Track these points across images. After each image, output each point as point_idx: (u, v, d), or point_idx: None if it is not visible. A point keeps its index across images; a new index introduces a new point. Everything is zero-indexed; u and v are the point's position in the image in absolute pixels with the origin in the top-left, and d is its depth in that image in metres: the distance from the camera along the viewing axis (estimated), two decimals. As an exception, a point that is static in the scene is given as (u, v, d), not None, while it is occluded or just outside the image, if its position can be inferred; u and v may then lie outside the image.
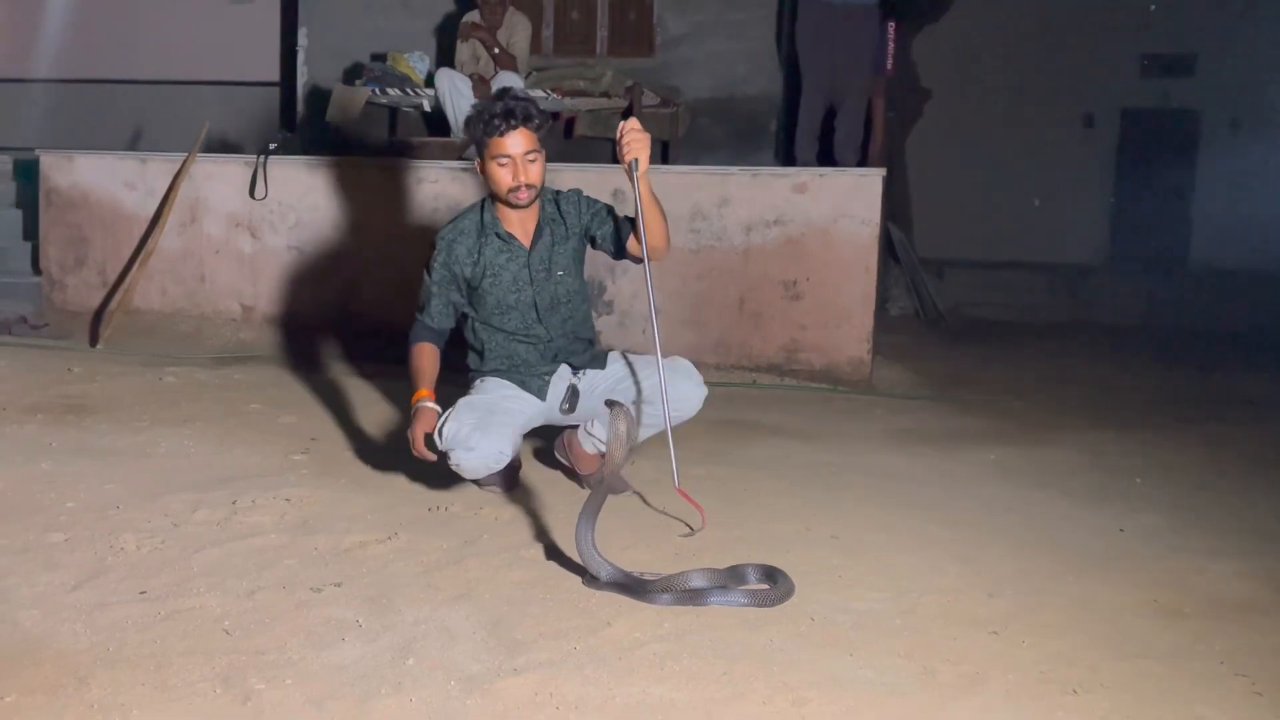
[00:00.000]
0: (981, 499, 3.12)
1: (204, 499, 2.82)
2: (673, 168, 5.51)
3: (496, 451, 2.69)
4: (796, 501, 3.02)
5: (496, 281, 2.89)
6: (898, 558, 2.57)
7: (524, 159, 2.76)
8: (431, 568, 2.41)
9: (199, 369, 4.61)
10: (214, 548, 2.48)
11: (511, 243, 2.89)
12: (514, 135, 2.75)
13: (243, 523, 2.67)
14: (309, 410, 3.92)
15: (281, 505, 2.81)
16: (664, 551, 2.55)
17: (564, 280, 2.93)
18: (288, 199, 5.40)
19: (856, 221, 4.82)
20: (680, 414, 2.86)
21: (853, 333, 4.85)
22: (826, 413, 4.34)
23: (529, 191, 2.80)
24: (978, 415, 4.37)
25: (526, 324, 2.92)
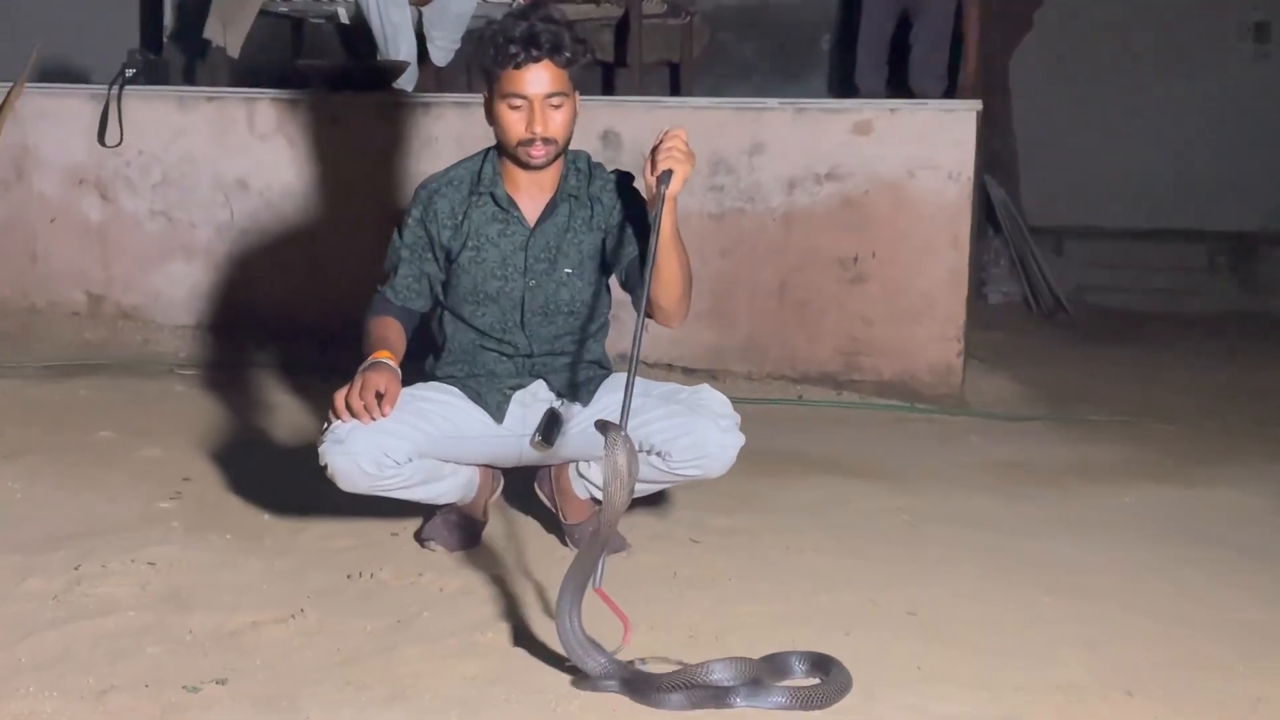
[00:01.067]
0: (1115, 559, 3.12)
1: (35, 564, 2.81)
2: (686, 100, 5.53)
3: (374, 451, 2.68)
4: (858, 564, 3.01)
5: (478, 259, 2.90)
6: (999, 641, 2.56)
7: (545, 103, 2.77)
8: (352, 658, 2.40)
9: (27, 383, 4.61)
10: (50, 630, 2.47)
11: (510, 212, 2.90)
12: (535, 70, 2.75)
13: (90, 596, 2.66)
14: (181, 439, 3.91)
15: (143, 571, 2.80)
16: (676, 632, 2.55)
17: (570, 282, 2.93)
18: (152, 146, 5.42)
19: (941, 174, 4.83)
20: (698, 472, 2.85)
21: (936, 329, 4.85)
22: (900, 440, 4.33)
23: (546, 148, 2.80)
24: (1110, 443, 4.36)
25: (503, 326, 2.93)
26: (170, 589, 2.72)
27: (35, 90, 5.52)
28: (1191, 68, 8.34)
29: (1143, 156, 8.37)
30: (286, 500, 3.22)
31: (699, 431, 2.79)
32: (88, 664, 2.34)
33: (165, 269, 5.42)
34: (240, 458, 3.73)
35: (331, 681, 2.30)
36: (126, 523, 3.14)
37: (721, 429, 2.81)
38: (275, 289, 5.30)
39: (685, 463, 2.82)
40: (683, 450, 2.79)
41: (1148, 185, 8.36)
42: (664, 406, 2.83)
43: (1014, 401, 4.99)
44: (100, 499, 3.32)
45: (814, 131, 4.95)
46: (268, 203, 5.33)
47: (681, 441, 2.78)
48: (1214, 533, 3.36)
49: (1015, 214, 7.61)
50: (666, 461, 2.82)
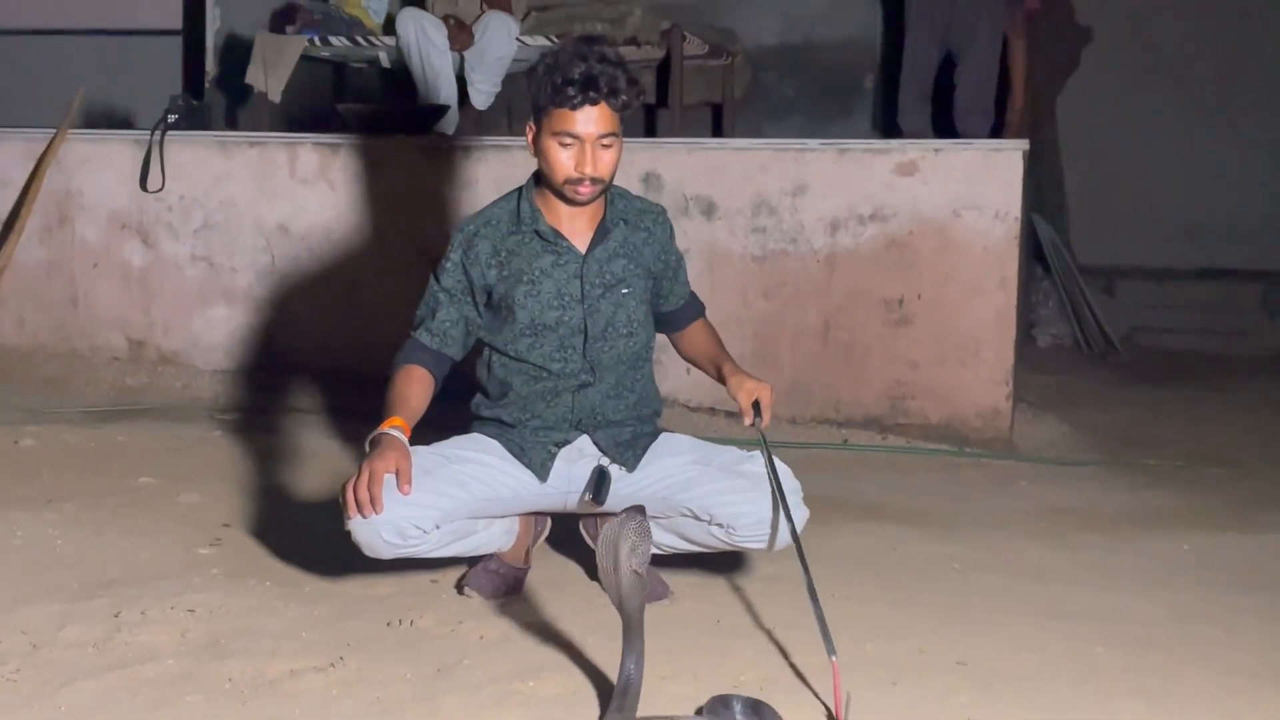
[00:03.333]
0: (1171, 608, 3.08)
1: (75, 610, 2.83)
2: (728, 142, 5.56)
3: (394, 524, 2.68)
4: (905, 613, 3.00)
5: (534, 293, 2.91)
6: (1052, 694, 2.54)
7: (597, 144, 2.80)
8: (391, 707, 2.41)
9: (68, 428, 4.66)
10: (89, 679, 2.49)
11: (559, 244, 2.92)
12: (589, 111, 2.77)
13: (129, 643, 2.68)
14: (220, 486, 3.94)
15: (182, 619, 2.82)
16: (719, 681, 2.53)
17: (626, 302, 2.96)
18: (193, 192, 5.50)
19: (988, 215, 4.83)
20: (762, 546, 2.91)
21: (985, 372, 4.84)
22: (949, 485, 4.31)
23: (593, 187, 2.84)
24: (1164, 489, 4.32)
25: (564, 355, 2.93)
26: (210, 636, 2.73)
27: (78, 136, 5.63)
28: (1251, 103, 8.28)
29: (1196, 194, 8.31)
30: (326, 547, 3.22)
31: (767, 508, 2.85)
32: (127, 713, 2.36)
33: (205, 314, 5.49)
34: (280, 504, 3.77)
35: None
36: (166, 569, 3.16)
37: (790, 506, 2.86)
38: (316, 333, 5.36)
39: (750, 537, 2.87)
40: (747, 526, 2.85)
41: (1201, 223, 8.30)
42: (727, 480, 2.87)
43: (1065, 446, 4.95)
44: (140, 545, 3.35)
45: (857, 172, 4.96)
46: (309, 247, 5.40)
47: (747, 518, 2.83)
48: (1274, 580, 3.32)
49: (1064, 253, 7.59)
50: (729, 534, 2.86)
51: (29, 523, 3.50)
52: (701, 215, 5.02)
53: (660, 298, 3.09)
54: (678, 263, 3.11)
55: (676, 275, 3.11)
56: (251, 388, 5.32)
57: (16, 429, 4.56)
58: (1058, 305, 7.52)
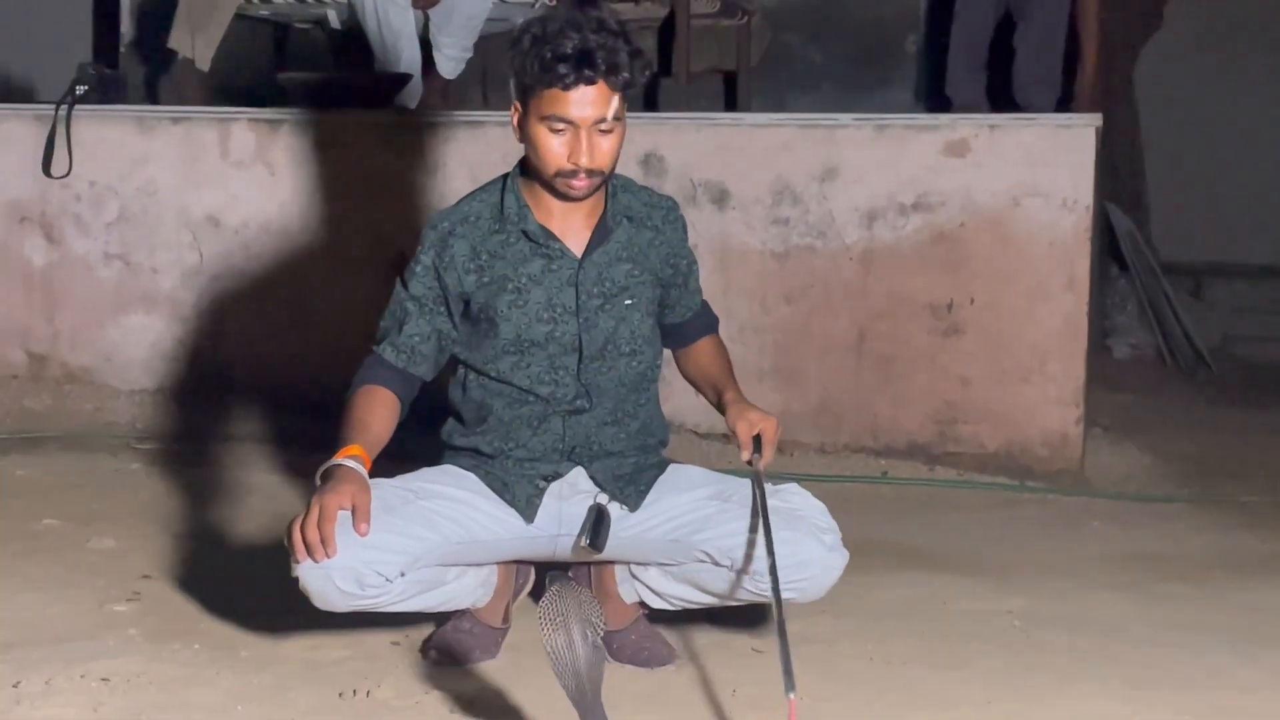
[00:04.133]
0: (1274, 671, 3.09)
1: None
2: (743, 117, 5.58)
3: (356, 568, 2.67)
4: (958, 678, 3.00)
5: (520, 303, 2.91)
6: (1133, 775, 2.55)
7: (594, 130, 2.79)
8: (345, 794, 2.42)
9: (-41, 460, 4.68)
10: (-16, 762, 2.50)
11: (550, 245, 2.93)
12: (585, 91, 2.76)
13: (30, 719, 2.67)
14: (140, 529, 3.95)
15: (94, 689, 2.81)
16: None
17: (630, 315, 2.97)
18: (106, 178, 5.51)
19: (1054, 204, 4.85)
20: (795, 595, 2.85)
21: (1051, 390, 4.86)
22: (1008, 526, 4.32)
23: (590, 180, 2.83)
24: (1264, 530, 4.33)
25: (555, 376, 2.93)
26: (127, 710, 2.72)
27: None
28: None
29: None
30: (266, 602, 3.22)
31: (802, 550, 2.82)
32: (29, 803, 2.37)
33: (121, 323, 5.50)
34: (211, 550, 3.77)
35: (320, 824, 2.31)
36: (75, 630, 3.15)
37: (827, 546, 2.87)
38: (254, 345, 5.36)
39: (781, 585, 2.81)
40: (782, 571, 2.75)
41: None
42: (752, 518, 2.83)
43: (1146, 479, 4.96)
44: (43, 601, 3.34)
45: (898, 152, 4.98)
46: (244, 243, 5.40)
47: (782, 561, 2.75)
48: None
49: (1144, 249, 7.60)
50: (756, 582, 2.83)
51: (-89, 574, 3.51)
52: (712, 205, 5.03)
53: (666, 308, 3.09)
54: (689, 267, 3.12)
55: (687, 283, 3.12)
56: (177, 411, 5.33)
57: (-104, 461, 4.58)
58: (1137, 310, 7.54)
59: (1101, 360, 6.47)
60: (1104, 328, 7.33)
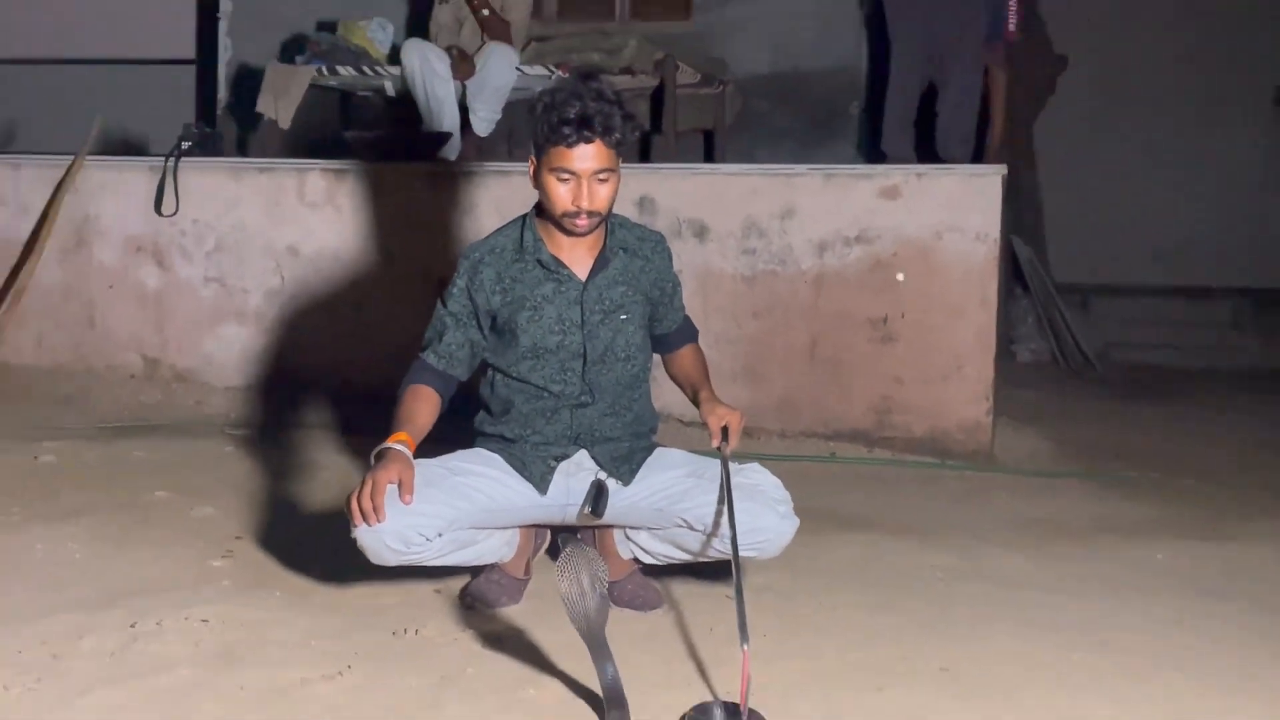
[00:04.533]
0: (1147, 615, 3.10)
1: (93, 622, 2.84)
2: (719, 168, 5.58)
3: (398, 532, 2.69)
4: (891, 621, 3.01)
5: (536, 319, 2.93)
6: (1032, 698, 2.56)
7: (593, 179, 2.81)
8: (397, 715, 2.42)
9: (86, 444, 4.67)
10: (107, 688, 2.50)
11: (559, 272, 2.94)
12: (585, 149, 2.79)
13: (145, 653, 2.69)
14: (232, 500, 3.95)
15: (196, 629, 2.83)
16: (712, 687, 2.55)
17: (624, 328, 2.98)
18: (206, 216, 5.51)
19: (968, 236, 4.85)
20: (754, 554, 2.89)
21: (966, 387, 4.86)
22: (932, 497, 4.33)
23: (590, 220, 2.85)
24: (1138, 500, 4.33)
25: (564, 377, 2.95)
26: (223, 646, 2.74)
27: (95, 163, 5.64)
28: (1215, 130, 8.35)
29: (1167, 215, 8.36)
30: (334, 558, 3.23)
31: (758, 517, 2.83)
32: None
33: (218, 333, 5.50)
34: (289, 516, 3.77)
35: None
36: (180, 581, 3.17)
37: (780, 515, 2.87)
38: (323, 351, 5.37)
39: (744, 545, 2.81)
40: (742, 535, 2.77)
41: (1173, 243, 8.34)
42: (720, 492, 2.85)
43: (1044, 458, 4.97)
44: (155, 558, 3.36)
45: (843, 196, 4.98)
46: (317, 269, 5.41)
47: (742, 526, 2.77)
48: (1245, 589, 3.33)
49: (1042, 273, 7.61)
50: (724, 543, 2.84)
51: (49, 537, 3.51)
52: (694, 238, 5.04)
53: (655, 321, 3.10)
54: (674, 288, 3.12)
55: (672, 301, 3.13)
56: (262, 404, 5.33)
57: (36, 445, 4.57)
58: (1036, 323, 7.55)
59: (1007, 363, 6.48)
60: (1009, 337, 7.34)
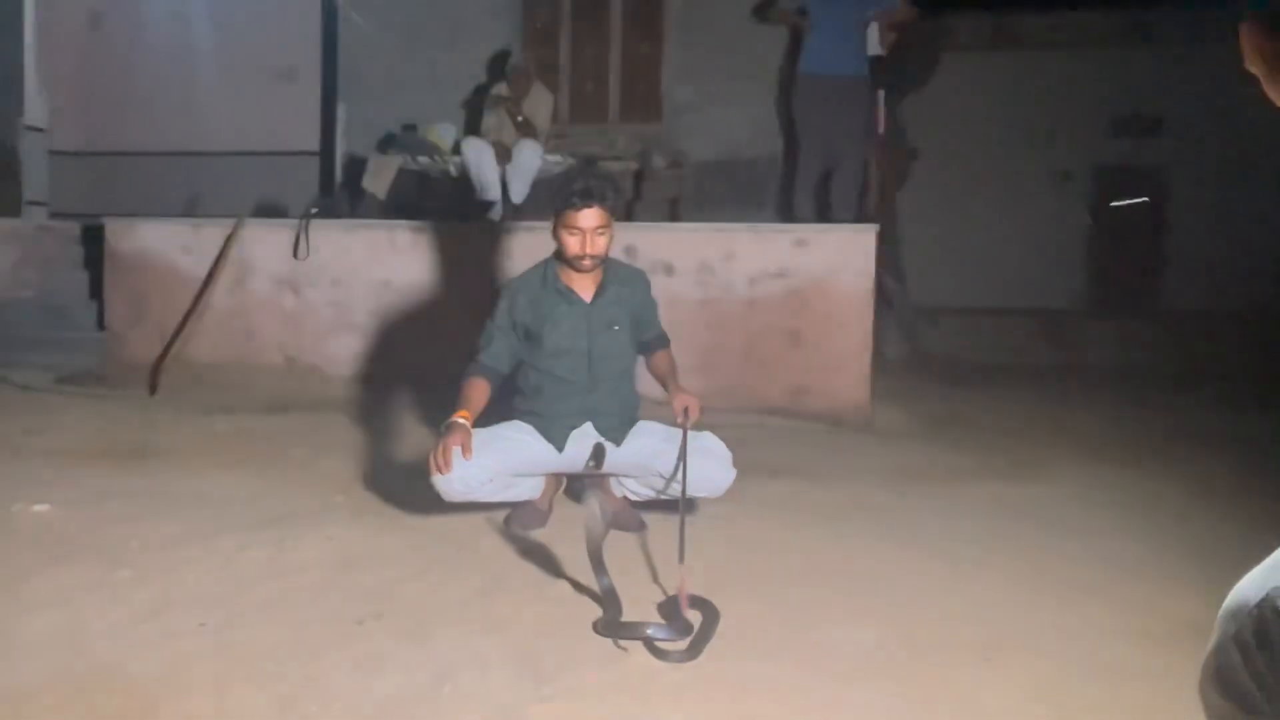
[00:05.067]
0: (972, 532, 3.13)
1: (254, 538, 2.87)
2: (682, 225, 5.60)
3: (463, 477, 2.73)
4: (802, 536, 3.04)
5: (555, 329, 2.94)
6: (897, 590, 2.59)
7: (593, 233, 2.85)
8: (463, 602, 2.45)
9: (248, 416, 4.67)
10: (266, 582, 2.53)
11: (571, 297, 2.96)
12: (588, 211, 2.82)
13: (290, 560, 2.72)
14: (348, 455, 3.96)
15: (324, 544, 2.85)
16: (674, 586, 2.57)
17: (618, 336, 2.99)
18: (327, 259, 5.50)
19: (852, 273, 4.87)
20: (703, 493, 2.92)
21: (852, 377, 4.88)
22: (829, 452, 4.34)
23: (592, 261, 2.89)
24: (972, 454, 4.36)
25: (576, 370, 2.96)
26: (343, 556, 2.76)
27: (252, 223, 5.62)
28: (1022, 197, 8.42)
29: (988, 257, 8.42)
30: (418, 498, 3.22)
31: (708, 470, 2.86)
32: (291, 605, 2.39)
33: (335, 340, 5.49)
34: (386, 468, 3.79)
35: (449, 618, 2.34)
36: (312, 511, 3.19)
37: (723, 467, 2.90)
38: (408, 353, 5.36)
39: (696, 489, 2.88)
40: (695, 482, 2.85)
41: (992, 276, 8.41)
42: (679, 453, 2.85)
43: (904, 425, 5.00)
44: (295, 494, 3.38)
45: (767, 245, 5.00)
46: (403, 296, 5.40)
47: (695, 477, 2.83)
48: (1038, 514, 3.36)
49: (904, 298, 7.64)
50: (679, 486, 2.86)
51: (223, 480, 3.53)
52: (664, 273, 5.05)
53: (638, 331, 3.11)
54: (652, 310, 3.14)
55: (651, 320, 3.14)
56: (366, 390, 5.33)
57: (213, 417, 4.58)
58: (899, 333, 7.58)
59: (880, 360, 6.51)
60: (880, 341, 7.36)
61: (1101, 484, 3.79)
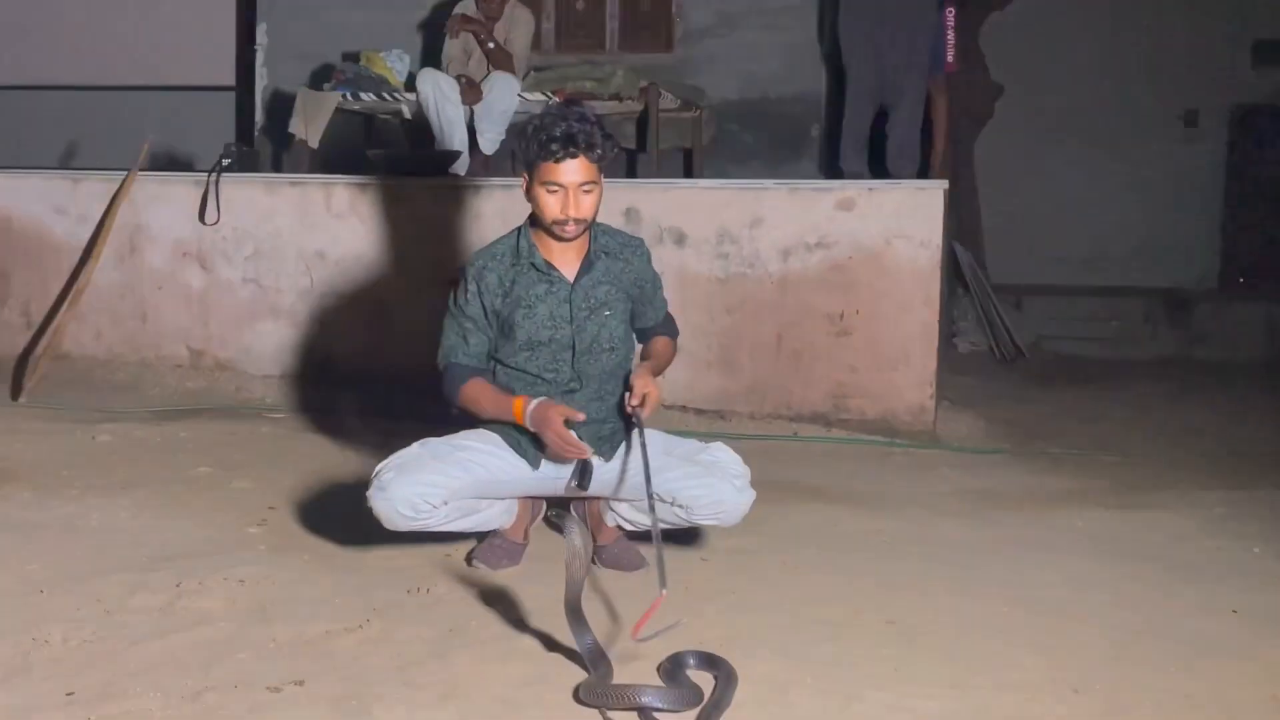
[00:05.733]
0: (1067, 575, 3.11)
1: (143, 581, 2.85)
2: (697, 182, 5.57)
3: (408, 499, 2.72)
4: (843, 579, 3.02)
5: (530, 315, 2.91)
6: (966, 648, 2.57)
7: (578, 190, 2.81)
8: (411, 662, 2.42)
9: (139, 425, 4.66)
10: (154, 640, 2.50)
11: (551, 274, 2.93)
12: (571, 164, 2.79)
13: (187, 609, 2.70)
14: (267, 474, 3.94)
15: (233, 588, 2.83)
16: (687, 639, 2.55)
17: (608, 323, 2.96)
18: (244, 224, 5.49)
19: (914, 243, 4.84)
20: (716, 523, 2.91)
21: (912, 375, 4.85)
22: (881, 471, 4.33)
23: (577, 226, 2.85)
24: (1063, 474, 4.35)
25: (556, 366, 2.93)
26: (257, 603, 2.75)
27: (146, 177, 5.61)
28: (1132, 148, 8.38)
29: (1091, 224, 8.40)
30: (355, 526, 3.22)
31: (718, 491, 2.85)
32: (186, 668, 2.37)
33: (255, 327, 5.48)
34: (317, 490, 3.77)
35: (392, 683, 2.32)
36: (220, 545, 3.17)
37: (737, 489, 2.87)
38: (348, 344, 5.35)
39: (705, 515, 2.88)
40: (703, 506, 2.85)
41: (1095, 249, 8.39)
42: (685, 467, 2.86)
43: (980, 437, 4.97)
44: (198, 525, 3.36)
45: (805, 207, 4.97)
46: (342, 270, 5.39)
47: (703, 500, 2.83)
48: (1151, 552, 3.34)
49: (980, 275, 7.62)
50: (689, 514, 2.87)
51: (104, 506, 3.51)
52: (674, 244, 5.03)
53: (637, 316, 3.08)
54: (653, 288, 3.10)
55: (652, 300, 3.10)
56: (294, 390, 5.32)
57: (94, 427, 4.56)
58: (975, 318, 7.56)
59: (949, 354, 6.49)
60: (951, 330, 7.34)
61: (1234, 514, 3.77)
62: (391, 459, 2.82)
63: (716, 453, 2.92)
